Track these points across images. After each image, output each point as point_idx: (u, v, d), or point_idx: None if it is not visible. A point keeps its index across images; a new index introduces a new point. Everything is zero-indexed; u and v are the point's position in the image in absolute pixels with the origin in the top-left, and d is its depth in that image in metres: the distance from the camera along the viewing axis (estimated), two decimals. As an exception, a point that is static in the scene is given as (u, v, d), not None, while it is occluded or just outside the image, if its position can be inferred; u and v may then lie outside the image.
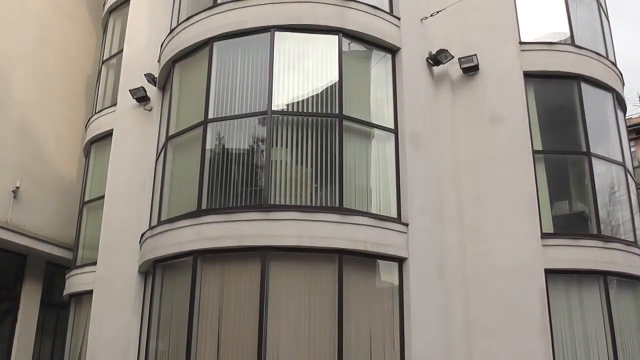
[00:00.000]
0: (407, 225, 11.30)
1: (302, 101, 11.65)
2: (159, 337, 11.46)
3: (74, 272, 14.89)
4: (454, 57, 12.69)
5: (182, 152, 12.38)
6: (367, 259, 11.03)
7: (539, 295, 11.38)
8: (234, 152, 11.71)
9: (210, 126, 11.64)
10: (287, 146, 11.37)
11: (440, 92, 12.93)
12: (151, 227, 12.16)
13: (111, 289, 13.08)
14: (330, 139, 11.32)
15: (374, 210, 11.41)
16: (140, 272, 12.55)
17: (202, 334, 10.51)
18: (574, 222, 12.93)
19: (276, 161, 11.24)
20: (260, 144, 11.41)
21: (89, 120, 16.38)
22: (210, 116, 11.67)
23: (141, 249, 12.32)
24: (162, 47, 13.51)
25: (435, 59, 12.70)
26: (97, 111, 16.11)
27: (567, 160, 13.19)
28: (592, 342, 11.56)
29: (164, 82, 13.65)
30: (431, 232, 11.65)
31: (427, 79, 12.79)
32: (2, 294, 16.33)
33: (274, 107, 11.35)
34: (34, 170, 16.61)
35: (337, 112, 11.42)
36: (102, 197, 14.29)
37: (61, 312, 16.23)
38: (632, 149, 29.80)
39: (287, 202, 11.00)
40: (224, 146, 11.75)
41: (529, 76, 12.97)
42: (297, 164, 11.36)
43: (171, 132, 12.56)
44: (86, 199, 15.49)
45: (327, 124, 11.41)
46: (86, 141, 16.12)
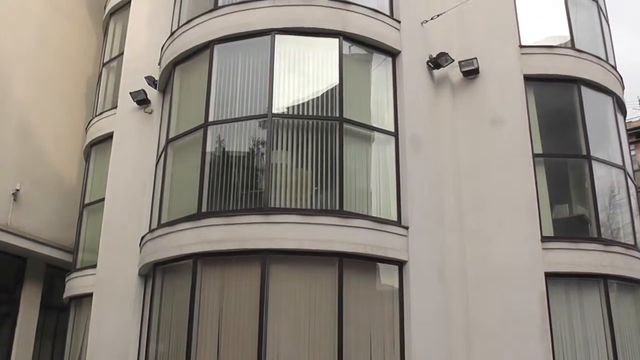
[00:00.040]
0: (407, 228, 11.29)
1: (302, 104, 11.65)
2: (159, 340, 11.44)
3: (74, 274, 14.89)
4: (454, 60, 12.70)
5: (182, 154, 12.38)
6: (367, 262, 11.02)
7: (539, 298, 11.38)
8: (234, 155, 11.71)
9: (210, 129, 11.64)
10: (287, 149, 11.37)
11: (440, 96, 12.93)
12: (151, 230, 12.15)
13: (111, 292, 13.08)
14: (330, 142, 11.31)
15: (374, 213, 11.41)
16: (140, 275, 12.54)
17: (202, 337, 10.49)
18: (574, 225, 12.93)
19: (276, 164, 11.24)
20: (260, 146, 11.41)
21: (89, 122, 16.38)
22: (210, 119, 11.67)
23: (141, 251, 12.32)
24: (163, 50, 13.51)
25: (435, 62, 12.70)
26: (97, 114, 16.13)
27: (567, 163, 13.20)
28: (592, 346, 11.56)
29: (164, 84, 13.65)
30: (431, 235, 11.65)
31: (428, 82, 12.80)
32: (2, 297, 16.33)
33: (274, 110, 11.35)
34: (34, 172, 16.61)
35: (337, 115, 11.42)
36: (102, 199, 14.30)
37: (61, 315, 16.23)
38: (632, 153, 29.84)
39: (288, 205, 11.00)
40: (224, 149, 11.75)
41: (529, 79, 12.98)
42: (297, 166, 11.36)
43: (171, 135, 12.56)
44: (86, 202, 15.50)
45: (327, 127, 11.41)
46: (86, 144, 16.13)
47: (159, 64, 13.69)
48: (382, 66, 12.40)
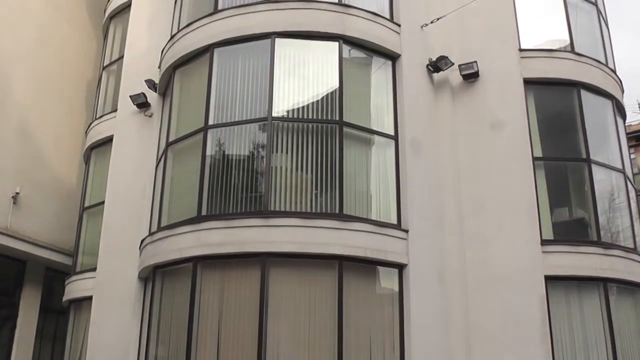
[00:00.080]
0: (407, 231, 11.29)
1: (302, 107, 11.66)
2: (158, 343, 11.44)
3: (73, 278, 14.87)
4: (454, 63, 12.71)
5: (182, 158, 12.38)
6: (367, 266, 11.02)
7: (539, 301, 11.38)
8: (234, 158, 11.71)
9: (210, 132, 11.65)
10: (287, 152, 11.37)
11: (440, 99, 12.94)
12: (151, 233, 12.15)
13: (111, 295, 13.07)
14: (330, 145, 11.32)
15: (374, 216, 11.40)
16: (140, 278, 12.53)
17: (202, 340, 10.48)
18: (574, 228, 12.94)
19: (276, 167, 11.24)
20: (260, 150, 11.41)
21: (89, 125, 16.38)
22: (210, 122, 11.67)
23: (141, 254, 12.31)
24: (163, 53, 13.52)
25: (435, 66, 12.72)
26: (97, 117, 16.12)
27: (567, 167, 13.20)
28: (592, 349, 11.55)
29: (164, 88, 13.66)
30: (431, 239, 11.65)
31: (428, 86, 12.81)
32: (2, 300, 16.31)
33: (274, 114, 11.35)
34: (34, 175, 16.61)
35: (337, 118, 11.42)
36: (102, 203, 14.29)
37: (60, 318, 16.20)
38: (632, 156, 29.86)
39: (287, 209, 10.99)
40: (224, 152, 11.75)
41: (529, 83, 12.98)
42: (297, 170, 11.36)
43: (171, 138, 12.56)
44: (86, 205, 15.49)
45: (327, 130, 11.42)
46: (86, 147, 16.13)
47: (159, 67, 13.70)
48: (382, 69, 12.41)
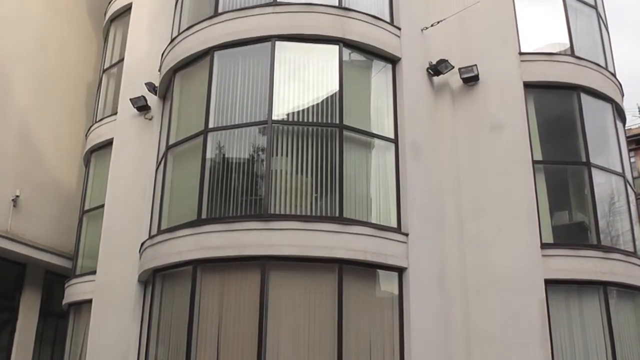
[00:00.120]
0: (407, 235, 11.29)
1: (302, 111, 11.67)
2: (158, 346, 11.43)
3: (73, 281, 14.87)
4: (454, 67, 12.71)
5: (182, 161, 12.38)
6: (367, 269, 11.01)
7: (539, 305, 11.37)
8: (234, 161, 11.71)
9: (210, 135, 11.65)
10: (287, 156, 11.37)
11: (440, 102, 12.94)
12: (151, 236, 12.15)
13: (111, 298, 13.05)
14: (330, 148, 11.32)
15: (374, 220, 11.41)
16: (139, 281, 12.52)
17: (201, 343, 10.47)
18: (573, 232, 12.94)
19: (276, 170, 11.24)
20: (260, 153, 11.41)
21: (89, 129, 16.38)
22: (210, 125, 11.68)
23: (141, 258, 12.30)
24: (163, 56, 13.53)
25: (435, 69, 12.72)
26: (97, 120, 16.13)
27: (567, 170, 13.21)
28: (592, 353, 11.54)
29: (164, 91, 13.66)
30: (431, 242, 11.64)
31: (428, 89, 12.81)
32: (1, 303, 16.31)
33: (274, 117, 11.36)
34: (34, 178, 16.61)
35: (337, 121, 11.43)
36: (102, 206, 14.28)
37: (60, 321, 16.19)
38: (632, 160, 29.84)
39: (287, 212, 10.99)
40: (224, 155, 11.75)
41: (529, 86, 12.99)
42: (297, 173, 11.36)
43: (171, 141, 12.57)
44: (86, 208, 15.49)
45: (327, 133, 11.42)
46: (86, 150, 16.13)
47: (159, 71, 13.70)
48: (382, 73, 12.41)
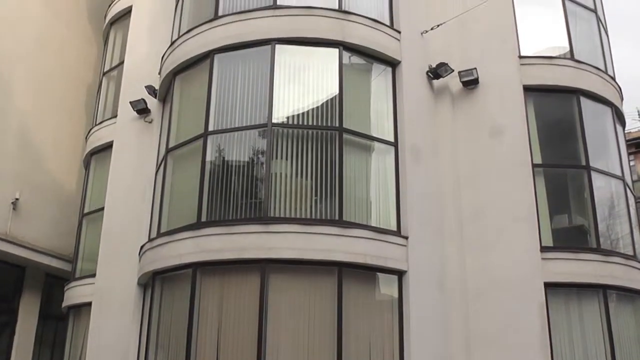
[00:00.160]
0: (406, 238, 11.29)
1: (302, 114, 11.68)
2: (158, 349, 11.41)
3: (72, 284, 14.86)
4: (454, 70, 12.71)
5: (182, 164, 12.38)
6: (367, 272, 11.01)
7: (539, 308, 11.36)
8: (234, 164, 11.71)
9: (210, 138, 11.65)
10: (287, 159, 11.37)
11: (440, 106, 12.93)
12: (150, 239, 12.14)
13: (110, 301, 13.04)
14: (330, 151, 11.32)
15: (373, 223, 11.40)
16: (139, 284, 12.52)
17: (201, 346, 10.47)
18: (573, 235, 12.92)
19: (276, 174, 11.24)
20: (260, 156, 11.41)
21: (89, 131, 16.39)
22: (210, 128, 11.68)
23: (140, 261, 12.30)
24: (163, 59, 13.54)
25: (435, 73, 12.72)
26: (97, 123, 16.13)
27: (567, 173, 13.20)
28: (592, 356, 11.54)
29: (164, 94, 13.67)
30: (431, 245, 11.64)
31: (427, 93, 12.81)
32: (1, 306, 16.31)
33: (274, 120, 11.36)
34: (34, 181, 16.61)
35: (337, 125, 11.43)
36: (102, 208, 14.27)
37: (60, 324, 16.18)
38: (632, 163, 29.88)
39: (287, 215, 10.99)
40: (224, 158, 11.76)
41: (529, 90, 12.99)
42: (297, 176, 11.36)
43: (171, 144, 12.57)
44: (86, 211, 15.48)
45: (327, 136, 11.42)
46: (86, 153, 16.13)
47: (159, 74, 13.70)
48: (382, 76, 12.42)
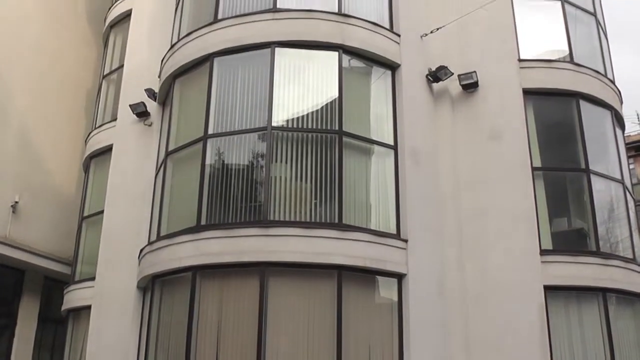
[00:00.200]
0: (406, 241, 11.29)
1: (302, 117, 11.67)
2: (157, 353, 11.40)
3: (72, 287, 14.83)
4: (453, 73, 12.70)
5: (181, 167, 12.38)
6: (367, 275, 11.01)
7: (539, 311, 11.36)
8: (234, 167, 11.71)
9: (210, 142, 11.65)
10: (286, 162, 11.38)
11: (439, 109, 12.92)
12: (150, 243, 12.14)
13: (110, 305, 13.01)
14: (330, 155, 11.32)
15: (373, 226, 11.40)
16: (139, 287, 12.50)
17: (200, 350, 10.46)
18: (573, 238, 12.92)
19: (276, 177, 11.24)
20: (260, 159, 11.42)
21: (88, 134, 16.38)
22: (210, 132, 11.68)
23: (140, 264, 12.29)
24: (163, 63, 13.54)
25: (435, 76, 12.71)
26: (97, 126, 16.10)
27: (566, 177, 13.21)
28: (592, 359, 11.52)
29: (164, 97, 13.67)
30: (430, 249, 11.63)
31: (427, 96, 12.81)
32: (0, 310, 16.27)
33: (273, 123, 11.36)
34: (33, 184, 16.61)
35: (336, 128, 11.43)
36: (102, 212, 14.24)
37: (59, 327, 16.17)
38: (631, 167, 29.85)
39: (287, 218, 10.99)
40: (223, 162, 11.76)
41: (528, 93, 13.00)
42: (296, 179, 11.36)
43: (171, 148, 12.57)
44: (85, 214, 15.46)
45: (327, 140, 11.42)
46: (86, 156, 16.11)
47: (159, 77, 13.71)
48: (382, 79, 12.43)
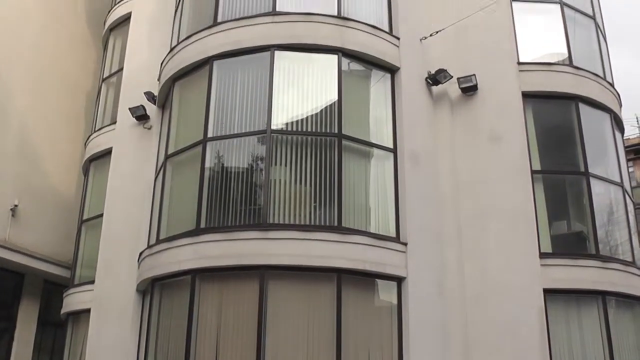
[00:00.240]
0: (405, 244, 11.28)
1: (301, 120, 11.68)
2: (156, 356, 11.39)
3: (71, 290, 14.83)
4: (452, 76, 12.70)
5: (181, 170, 12.38)
6: (366, 278, 11.00)
7: (538, 314, 11.35)
8: (233, 170, 11.71)
9: (209, 145, 11.65)
10: (286, 165, 11.37)
11: (439, 112, 12.92)
12: (150, 246, 12.13)
13: (109, 308, 13.01)
14: (329, 158, 11.33)
15: (372, 229, 11.40)
16: (138, 290, 12.50)
17: (200, 353, 10.45)
18: (572, 242, 12.92)
19: (275, 180, 11.23)
20: (259, 162, 11.41)
21: (88, 138, 16.38)
22: (209, 135, 11.68)
23: (139, 267, 12.29)
24: (162, 66, 13.55)
25: (434, 79, 12.71)
26: (96, 129, 16.11)
27: (566, 180, 13.21)
28: (591, 362, 11.55)
29: (163, 100, 13.67)
30: (430, 252, 11.62)
31: (426, 99, 12.81)
32: (0, 313, 16.26)
33: (273, 126, 11.37)
34: (33, 188, 16.61)
35: (336, 131, 11.44)
36: (101, 215, 14.25)
37: (58, 330, 16.16)
38: (630, 170, 29.85)
39: (286, 221, 10.99)
40: (223, 165, 11.75)
41: (528, 96, 13.01)
42: (296, 182, 11.36)
43: (170, 151, 12.57)
44: (85, 217, 15.46)
45: (326, 143, 11.43)
46: (85, 159, 16.12)
47: (159, 80, 13.72)
48: (381, 82, 12.44)
